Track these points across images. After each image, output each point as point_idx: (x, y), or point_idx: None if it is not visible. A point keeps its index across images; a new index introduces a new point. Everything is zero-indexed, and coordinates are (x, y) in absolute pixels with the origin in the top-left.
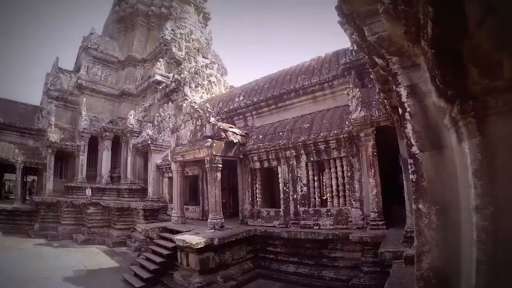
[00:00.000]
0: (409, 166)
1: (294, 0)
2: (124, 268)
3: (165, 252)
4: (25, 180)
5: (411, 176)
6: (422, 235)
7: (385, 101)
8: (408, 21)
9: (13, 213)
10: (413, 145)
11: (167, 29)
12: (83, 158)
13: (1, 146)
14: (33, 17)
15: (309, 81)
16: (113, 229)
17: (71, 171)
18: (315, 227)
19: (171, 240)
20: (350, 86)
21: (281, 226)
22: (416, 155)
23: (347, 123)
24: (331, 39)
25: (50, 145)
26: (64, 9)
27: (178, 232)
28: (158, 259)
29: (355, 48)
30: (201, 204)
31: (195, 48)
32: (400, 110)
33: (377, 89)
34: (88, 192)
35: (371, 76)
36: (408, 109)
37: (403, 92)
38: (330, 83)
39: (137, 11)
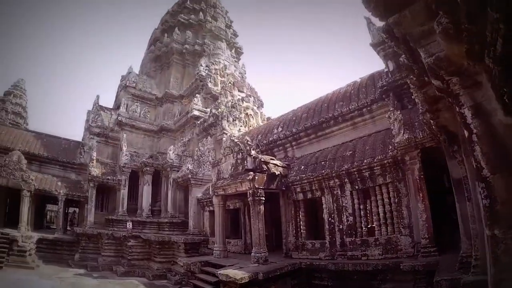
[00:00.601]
0: (481, 190)
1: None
2: None
3: (207, 286)
4: (67, 211)
5: (483, 201)
6: (499, 262)
7: (431, 121)
8: (471, 39)
9: (54, 242)
10: (483, 168)
11: (201, 66)
12: (124, 192)
13: (44, 178)
14: (73, 61)
15: (347, 108)
16: (153, 262)
17: (111, 204)
18: (363, 258)
19: (214, 275)
20: (391, 109)
21: (327, 258)
22: (488, 179)
23: (390, 147)
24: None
25: (92, 179)
26: (102, 49)
27: (220, 266)
28: None
29: (391, 69)
30: (243, 238)
31: (230, 83)
32: (466, 132)
33: (423, 110)
34: (129, 225)
35: (412, 97)
36: (474, 130)
37: (468, 113)
38: (368, 108)
39: (171, 50)
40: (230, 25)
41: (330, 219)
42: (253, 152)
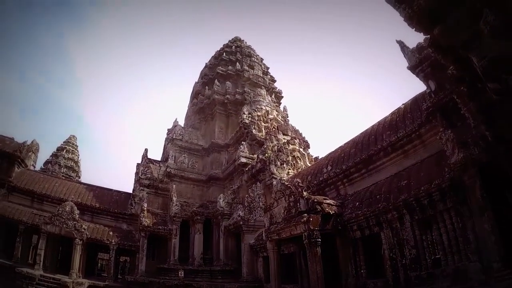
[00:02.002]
0: None
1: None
2: None
3: None
4: (118, 260)
5: None
6: None
7: (487, 133)
8: None
9: None
10: None
11: (244, 113)
12: (175, 241)
13: (96, 228)
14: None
15: (395, 136)
16: None
17: (163, 253)
18: None
19: None
20: (441, 130)
21: None
22: None
23: (446, 169)
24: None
25: (143, 228)
26: (147, 104)
27: None
28: None
29: (433, 89)
30: (299, 282)
31: (274, 127)
32: None
33: (476, 123)
34: (181, 274)
35: (461, 112)
36: None
37: None
38: (417, 133)
39: (213, 101)
40: (267, 72)
41: (391, 254)
42: (305, 194)
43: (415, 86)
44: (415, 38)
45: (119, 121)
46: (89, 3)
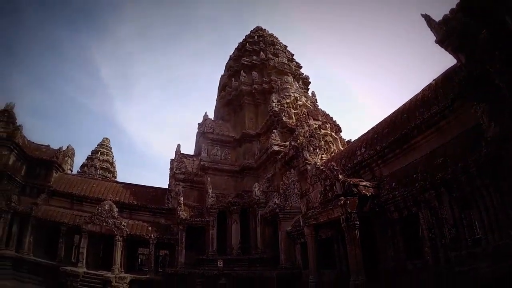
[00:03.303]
0: None
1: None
2: None
3: None
4: (158, 254)
5: None
6: None
7: None
8: None
9: (147, 283)
10: None
11: (273, 102)
12: (213, 232)
13: (135, 224)
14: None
15: (428, 113)
16: None
17: (201, 244)
18: (470, 272)
19: None
20: (475, 103)
21: (432, 277)
22: None
23: (483, 144)
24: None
25: (181, 222)
26: (175, 100)
27: None
28: None
29: (464, 62)
30: (338, 267)
31: (304, 113)
32: None
33: (510, 93)
34: (220, 263)
35: (496, 81)
36: None
37: None
38: (450, 108)
39: (241, 92)
40: (292, 58)
41: (430, 234)
42: (340, 177)
43: (444, 61)
44: (440, 12)
45: (149, 120)
46: (106, 10)
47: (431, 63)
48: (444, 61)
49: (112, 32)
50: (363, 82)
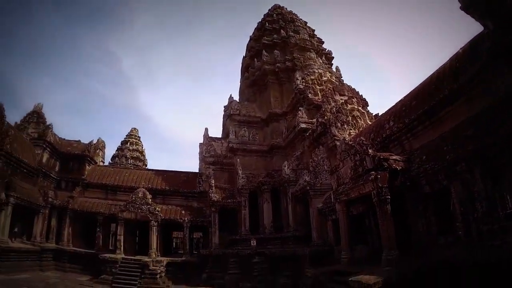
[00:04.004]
0: None
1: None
2: None
3: None
4: (192, 236)
5: None
6: None
7: None
8: None
9: (182, 265)
10: None
11: (297, 79)
12: (245, 212)
13: (169, 209)
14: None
15: (457, 83)
16: (279, 276)
17: (233, 225)
18: (503, 246)
19: (344, 283)
20: (505, 70)
21: (464, 252)
22: None
23: None
24: None
25: (213, 204)
26: (198, 85)
27: (349, 273)
28: None
29: (491, 28)
30: (370, 243)
31: (329, 89)
32: None
33: None
34: (253, 243)
35: None
36: None
37: None
38: (479, 77)
39: (265, 72)
40: (313, 34)
41: (462, 208)
42: (370, 151)
43: (470, 29)
44: None
45: (175, 107)
46: (120, 3)
47: (456, 32)
48: (470, 29)
49: (129, 24)
50: (387, 55)
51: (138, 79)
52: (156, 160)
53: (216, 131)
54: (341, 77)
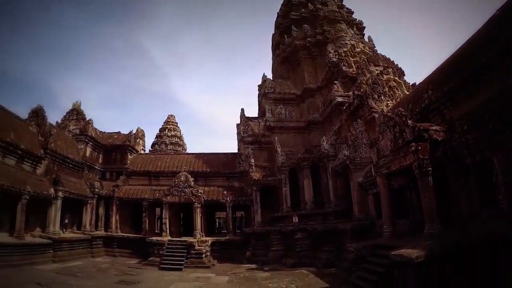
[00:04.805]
0: None
1: None
2: None
3: (379, 269)
4: (234, 216)
5: None
6: None
7: None
8: None
9: (226, 244)
10: None
11: (330, 52)
12: (285, 190)
13: (211, 190)
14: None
15: (497, 47)
16: (321, 252)
17: (275, 202)
18: None
19: (385, 257)
20: None
21: (506, 225)
22: None
23: None
24: None
25: (254, 182)
26: (230, 67)
27: (391, 247)
28: (372, 277)
29: None
30: (411, 216)
31: (363, 60)
32: None
33: None
34: (295, 219)
35: None
36: None
37: None
38: None
39: (296, 48)
40: (342, 5)
41: (505, 180)
42: (409, 122)
43: None
44: None
45: (208, 90)
46: None
47: None
48: None
49: (152, 14)
50: (420, 20)
51: (168, 66)
52: (195, 144)
53: (252, 111)
54: (374, 47)
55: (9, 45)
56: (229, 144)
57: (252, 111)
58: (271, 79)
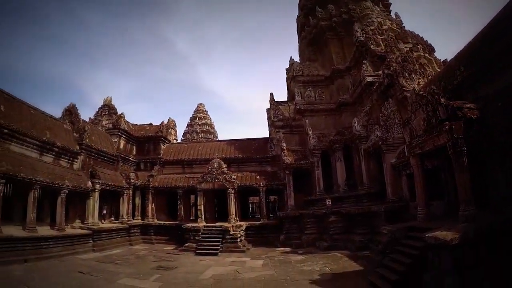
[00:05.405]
0: None
1: None
2: (368, 271)
3: (413, 252)
4: (267, 200)
5: None
6: None
7: None
8: None
9: (260, 228)
10: None
11: (357, 31)
12: (318, 173)
13: (244, 176)
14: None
15: None
16: (355, 234)
17: (307, 186)
18: None
19: (419, 239)
20: None
21: None
22: None
23: None
24: None
25: (287, 166)
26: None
27: (425, 229)
28: (406, 260)
29: None
30: (446, 197)
31: (391, 38)
32: None
33: None
34: (328, 202)
35: None
36: None
37: None
38: None
39: (321, 29)
40: None
41: None
42: (442, 100)
43: None
44: None
45: (235, 77)
46: None
47: None
48: None
49: (175, 7)
50: None
51: (195, 56)
52: (226, 132)
53: (280, 95)
54: (402, 23)
55: (39, 50)
56: (260, 130)
57: (281, 95)
58: (299, 62)
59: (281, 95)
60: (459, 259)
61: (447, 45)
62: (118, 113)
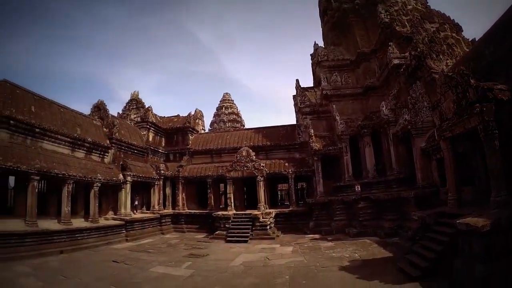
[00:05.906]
0: None
1: None
2: (398, 257)
3: (444, 238)
4: (296, 187)
5: None
6: None
7: None
8: None
9: (289, 215)
10: None
11: (381, 13)
12: (346, 158)
13: (272, 163)
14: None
15: None
16: (384, 221)
17: (336, 172)
18: None
19: (450, 225)
20: None
21: None
22: None
23: None
24: None
25: (315, 153)
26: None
27: (456, 216)
28: (436, 247)
29: None
30: (477, 182)
31: (417, 18)
32: None
33: None
34: (357, 188)
35: None
36: None
37: None
38: None
39: (344, 12)
40: None
41: None
42: (472, 81)
43: None
44: None
45: (260, 66)
46: None
47: None
48: None
49: (196, 1)
50: None
51: (218, 47)
52: (252, 120)
53: (306, 80)
54: (427, 2)
55: (68, 52)
56: (287, 117)
57: (307, 81)
58: (323, 46)
59: (307, 81)
60: (491, 246)
61: (475, 23)
62: (146, 107)
